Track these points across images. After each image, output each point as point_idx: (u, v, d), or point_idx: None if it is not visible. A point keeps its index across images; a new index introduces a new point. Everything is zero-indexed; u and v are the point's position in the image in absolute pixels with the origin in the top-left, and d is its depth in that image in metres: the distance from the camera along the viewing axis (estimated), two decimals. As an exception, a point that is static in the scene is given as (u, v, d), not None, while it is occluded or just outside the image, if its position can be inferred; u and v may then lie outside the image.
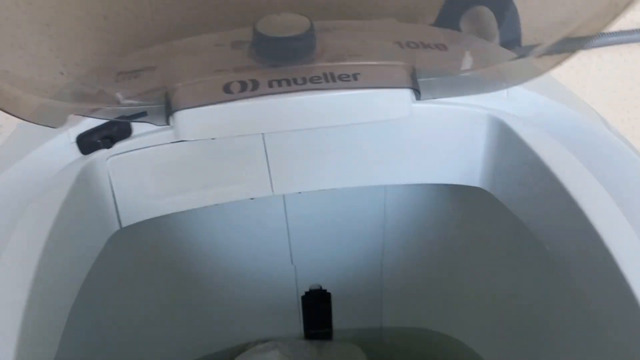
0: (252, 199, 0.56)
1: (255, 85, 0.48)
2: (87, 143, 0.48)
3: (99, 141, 0.48)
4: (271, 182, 0.54)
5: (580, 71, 0.83)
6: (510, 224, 0.58)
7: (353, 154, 0.54)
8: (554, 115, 0.50)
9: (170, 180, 0.52)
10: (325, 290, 0.79)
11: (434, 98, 0.50)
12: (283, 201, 0.68)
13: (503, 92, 0.51)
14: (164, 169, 0.51)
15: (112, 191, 0.50)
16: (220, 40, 0.56)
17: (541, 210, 0.46)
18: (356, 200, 0.70)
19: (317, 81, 0.48)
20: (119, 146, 0.49)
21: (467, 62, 0.53)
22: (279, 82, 0.48)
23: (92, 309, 0.54)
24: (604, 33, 0.77)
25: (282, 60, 0.51)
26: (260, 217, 0.70)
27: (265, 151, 0.52)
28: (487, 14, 0.60)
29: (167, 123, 0.48)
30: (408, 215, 0.71)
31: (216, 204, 0.55)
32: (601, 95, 0.85)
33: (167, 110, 0.48)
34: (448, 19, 0.62)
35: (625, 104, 0.88)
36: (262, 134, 0.51)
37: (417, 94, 0.49)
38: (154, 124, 0.48)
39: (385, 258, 0.75)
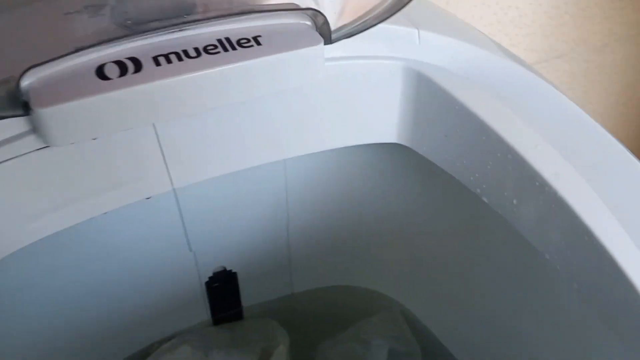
0: (147, 198, 0.47)
1: (138, 65, 0.38)
2: None
3: None
4: (170, 176, 0.46)
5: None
6: (429, 176, 0.56)
7: (258, 130, 0.47)
8: (469, 58, 0.47)
9: (44, 195, 0.41)
10: (230, 271, 0.73)
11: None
12: (173, 192, 0.60)
13: (415, 40, 0.46)
14: (32, 183, 0.40)
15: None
16: (68, 6, 0.44)
17: (474, 160, 0.44)
18: (254, 175, 0.63)
19: (213, 51, 0.40)
20: (-35, 166, 0.37)
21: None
22: (167, 58, 0.39)
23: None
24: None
25: (159, 21, 0.41)
26: (150, 211, 0.60)
27: (159, 142, 0.43)
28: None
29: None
30: (311, 179, 0.66)
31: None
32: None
33: (24, 109, 0.37)
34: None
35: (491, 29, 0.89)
36: (153, 124, 0.42)
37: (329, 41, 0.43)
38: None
39: (291, 225, 0.70)
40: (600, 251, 0.35)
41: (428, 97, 0.46)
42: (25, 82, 0.37)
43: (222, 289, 0.74)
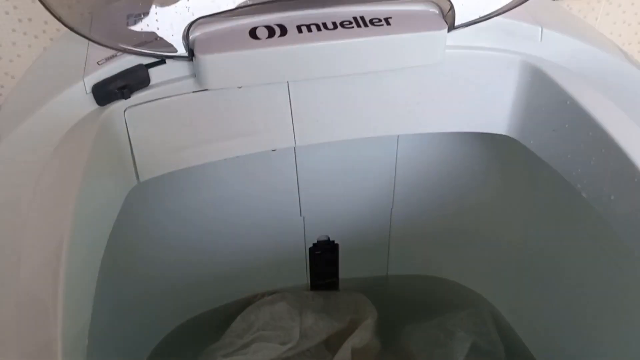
0: (273, 150, 0.54)
1: (284, 30, 0.45)
2: (104, 93, 0.45)
3: (116, 91, 0.45)
4: (294, 133, 0.52)
5: (587, 15, 0.82)
6: (533, 171, 0.58)
7: (377, 103, 0.52)
8: (588, 59, 0.49)
9: (191, 132, 0.49)
10: (333, 241, 0.78)
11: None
12: (294, 154, 0.67)
13: (537, 37, 0.49)
14: (184, 120, 0.48)
15: (130, 145, 0.47)
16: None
17: (578, 155, 0.46)
18: (368, 150, 0.68)
19: (348, 26, 0.46)
20: (137, 96, 0.46)
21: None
22: (308, 27, 0.46)
23: (114, 261, 0.52)
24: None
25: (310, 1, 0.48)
26: (271, 170, 0.68)
27: (290, 101, 0.50)
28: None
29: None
30: (420, 164, 0.70)
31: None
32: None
33: (189, 56, 0.45)
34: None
35: (629, 48, 0.87)
36: (287, 82, 0.48)
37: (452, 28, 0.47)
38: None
39: (395, 208, 0.74)
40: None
41: (542, 91, 0.49)
42: (193, 34, 0.45)
43: (324, 258, 0.80)
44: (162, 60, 0.46)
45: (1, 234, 0.37)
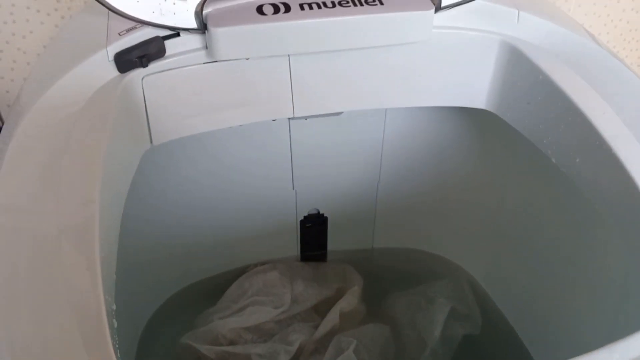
0: (274, 120, 0.59)
1: (287, 8, 0.50)
2: (124, 61, 0.49)
3: (135, 59, 0.49)
4: (293, 104, 0.57)
5: (561, 6, 0.88)
6: (510, 143, 0.64)
7: (369, 78, 0.57)
8: (559, 40, 0.54)
9: (200, 100, 0.54)
10: (322, 214, 0.83)
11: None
12: (289, 130, 0.71)
13: (514, 19, 0.54)
14: (195, 89, 0.53)
15: (146, 110, 0.52)
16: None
17: (549, 124, 0.52)
18: (356, 127, 0.73)
19: (345, 5, 0.51)
20: (154, 66, 0.50)
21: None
22: (310, 5, 0.51)
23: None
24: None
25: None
26: (266, 146, 0.72)
27: (290, 73, 0.55)
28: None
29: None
30: (405, 140, 0.75)
31: (229, 128, 0.57)
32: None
33: (203, 28, 0.50)
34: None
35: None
36: (289, 56, 0.53)
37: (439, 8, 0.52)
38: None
39: (381, 183, 0.80)
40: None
41: (518, 68, 0.54)
42: (206, 10, 0.50)
43: (314, 230, 0.85)
44: (177, 33, 0.50)
45: (36, 189, 0.41)
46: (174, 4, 0.49)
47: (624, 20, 0.91)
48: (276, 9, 0.50)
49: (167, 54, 0.51)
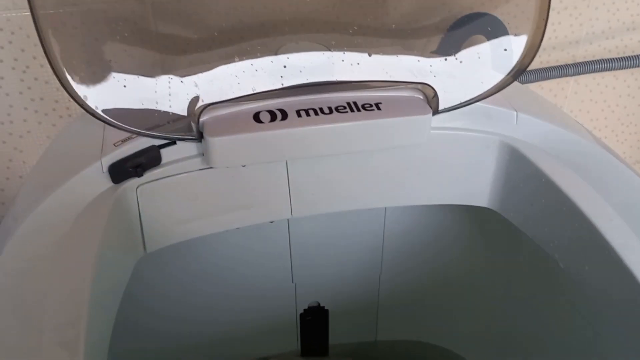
0: (271, 222, 0.57)
1: (284, 115, 0.50)
2: (119, 172, 0.48)
3: (130, 169, 0.48)
4: (291, 206, 0.56)
5: (558, 94, 0.89)
6: (514, 241, 0.62)
7: (367, 179, 0.56)
8: (558, 140, 0.54)
9: (196, 206, 0.53)
10: (323, 307, 0.81)
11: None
12: (288, 225, 0.70)
13: (512, 120, 0.54)
14: (191, 195, 0.52)
15: (140, 218, 0.51)
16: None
17: (554, 227, 0.50)
18: (357, 221, 0.72)
19: (342, 110, 0.51)
20: (149, 174, 0.50)
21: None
22: (307, 112, 0.50)
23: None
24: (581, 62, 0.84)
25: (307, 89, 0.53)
26: (266, 240, 0.71)
27: (288, 177, 0.54)
28: (483, 41, 0.64)
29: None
30: (406, 232, 0.73)
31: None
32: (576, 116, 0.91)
33: (199, 137, 0.49)
34: (448, 47, 0.65)
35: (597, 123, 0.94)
36: (286, 161, 0.52)
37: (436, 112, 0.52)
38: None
39: (383, 276, 0.78)
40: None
41: (519, 169, 0.53)
42: (203, 118, 0.49)
43: (314, 323, 0.82)
44: (173, 142, 0.50)
45: (24, 300, 0.39)
46: (171, 113, 0.49)
47: (620, 105, 0.92)
48: (273, 116, 0.50)
49: (162, 161, 0.50)
